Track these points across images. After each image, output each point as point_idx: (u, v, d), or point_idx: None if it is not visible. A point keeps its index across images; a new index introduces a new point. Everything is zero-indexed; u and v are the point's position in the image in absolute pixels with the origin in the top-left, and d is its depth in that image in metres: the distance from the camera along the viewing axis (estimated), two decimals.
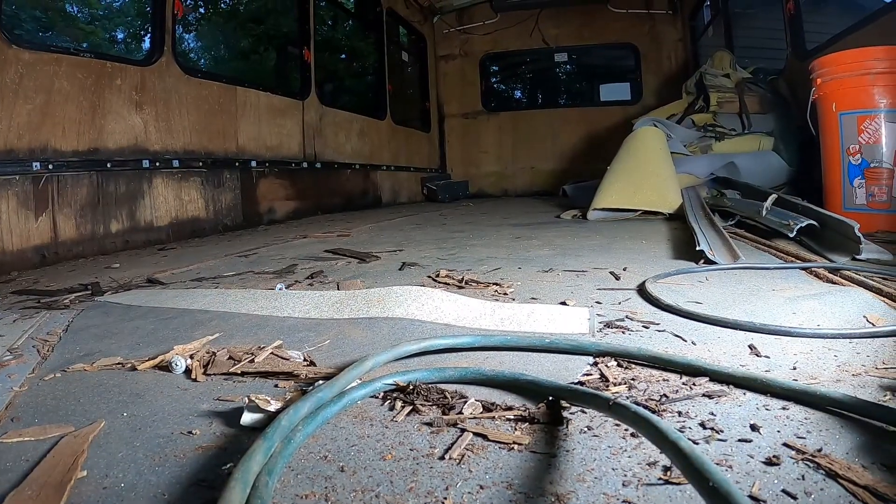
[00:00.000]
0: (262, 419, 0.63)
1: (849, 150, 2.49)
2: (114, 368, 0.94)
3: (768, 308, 1.13)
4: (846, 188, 2.50)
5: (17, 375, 0.92)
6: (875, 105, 2.39)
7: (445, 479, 0.56)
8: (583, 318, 1.12)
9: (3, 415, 0.77)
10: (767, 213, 2.20)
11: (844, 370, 0.81)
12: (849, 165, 2.48)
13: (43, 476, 0.59)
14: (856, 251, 1.61)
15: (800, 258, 1.68)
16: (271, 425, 0.59)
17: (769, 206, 2.25)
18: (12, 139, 2.01)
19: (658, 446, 0.55)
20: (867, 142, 2.41)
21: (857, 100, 2.47)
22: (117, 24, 7.97)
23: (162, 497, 0.55)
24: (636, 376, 0.81)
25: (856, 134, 2.45)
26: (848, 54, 2.53)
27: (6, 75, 1.99)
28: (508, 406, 0.71)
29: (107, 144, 2.40)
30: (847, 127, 2.50)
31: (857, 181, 2.45)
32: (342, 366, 0.89)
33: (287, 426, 0.60)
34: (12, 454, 0.65)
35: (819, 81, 2.64)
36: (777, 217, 2.12)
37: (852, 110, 2.48)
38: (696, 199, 2.90)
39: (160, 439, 0.67)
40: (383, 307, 1.22)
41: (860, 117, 2.44)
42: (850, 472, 0.53)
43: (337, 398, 0.68)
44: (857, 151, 2.45)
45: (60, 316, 1.29)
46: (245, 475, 0.50)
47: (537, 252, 1.97)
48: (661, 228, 2.63)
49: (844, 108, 2.51)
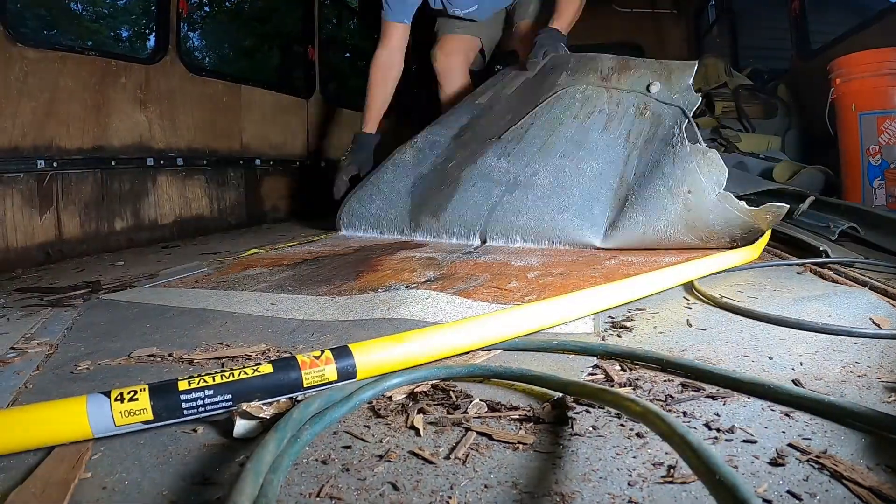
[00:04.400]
0: (256, 427, 0.62)
1: (868, 151, 2.49)
2: (118, 365, 0.94)
3: (775, 310, 1.12)
4: (865, 189, 2.50)
5: (23, 372, 0.92)
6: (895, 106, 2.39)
7: (450, 479, 0.56)
8: (588, 319, 1.12)
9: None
10: (799, 216, 2.16)
11: (850, 371, 0.81)
12: (868, 166, 2.48)
13: (47, 474, 0.59)
14: None
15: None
16: (283, 419, 0.59)
17: (806, 207, 2.21)
18: (17, 137, 2.02)
19: (666, 440, 0.55)
20: (887, 142, 2.41)
21: (877, 100, 2.47)
22: (122, 22, 7.98)
23: (163, 495, 0.55)
24: (640, 376, 0.81)
25: (875, 134, 2.45)
26: (868, 55, 2.53)
27: (11, 73, 1.99)
28: (514, 406, 0.71)
29: (111, 142, 2.40)
30: (867, 128, 2.49)
31: (877, 182, 2.44)
32: None
33: (298, 419, 0.60)
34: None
35: (838, 82, 2.64)
36: (811, 220, 2.09)
37: (872, 111, 2.47)
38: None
39: (164, 437, 0.67)
40: (388, 309, 1.22)
41: (880, 118, 2.44)
42: (855, 474, 0.53)
43: (345, 399, 0.67)
44: (877, 152, 2.45)
45: (65, 313, 1.29)
46: (258, 466, 0.50)
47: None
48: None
49: (864, 108, 2.51)
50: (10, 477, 0.60)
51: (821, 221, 2.02)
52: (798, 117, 3.94)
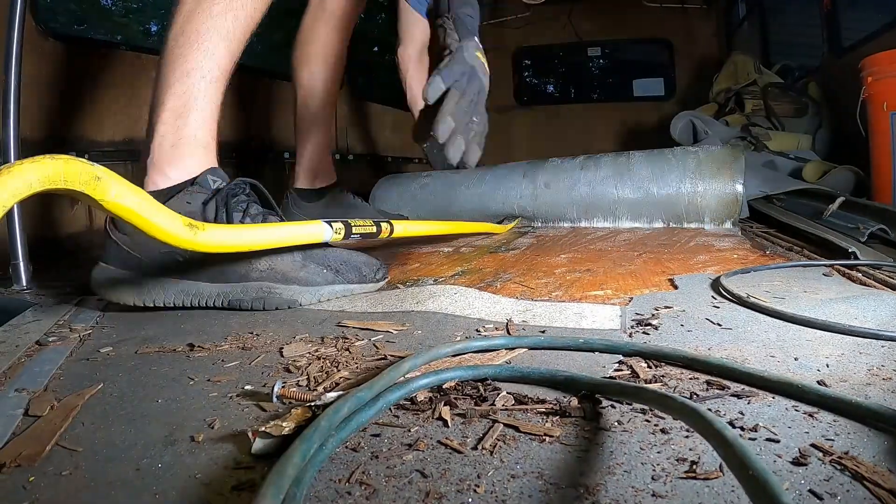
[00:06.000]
0: (276, 443, 0.62)
1: None
2: (150, 353, 0.97)
3: (801, 311, 1.12)
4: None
5: (56, 357, 0.95)
6: None
7: (477, 468, 0.57)
8: (614, 315, 1.13)
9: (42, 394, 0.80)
10: (828, 217, 2.14)
11: (875, 374, 0.81)
12: None
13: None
14: None
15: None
16: (310, 427, 0.59)
17: (835, 208, 2.18)
18: (48, 128, 2.06)
19: (703, 435, 0.56)
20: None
21: None
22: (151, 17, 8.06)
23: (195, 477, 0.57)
24: (666, 374, 0.81)
25: None
26: None
27: (43, 67, 2.03)
28: (541, 399, 0.72)
29: (141, 134, 2.43)
30: None
31: None
32: (375, 357, 0.91)
33: (326, 427, 0.60)
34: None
35: (870, 80, 2.60)
36: (841, 220, 2.06)
37: None
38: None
39: (196, 422, 0.69)
40: (417, 301, 1.24)
41: None
42: (876, 475, 0.53)
43: (372, 402, 0.68)
44: None
45: (96, 301, 1.32)
46: (279, 480, 0.49)
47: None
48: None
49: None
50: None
51: (850, 223, 2.00)
52: (829, 116, 3.88)
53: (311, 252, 1.29)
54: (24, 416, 0.72)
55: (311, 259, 1.28)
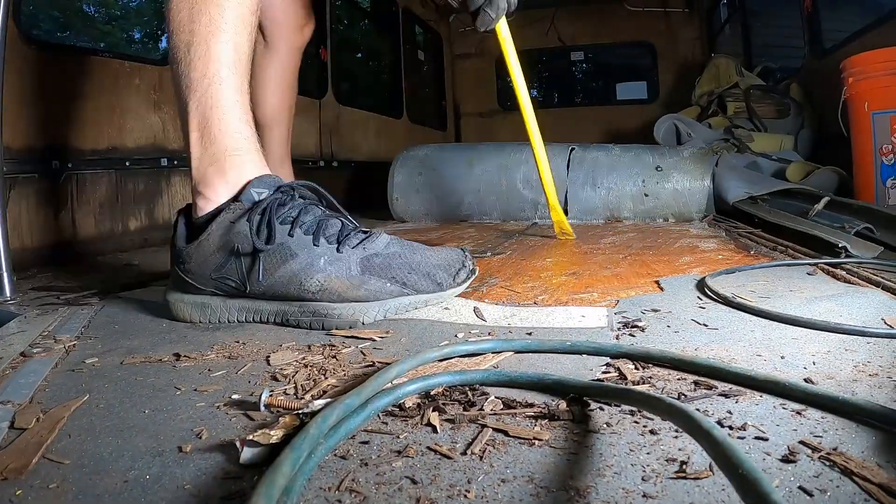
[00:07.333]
0: (264, 452, 0.61)
1: (881, 151, 2.48)
2: (136, 363, 0.96)
3: (787, 309, 1.13)
4: (878, 189, 2.49)
5: (41, 369, 0.93)
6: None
7: (467, 473, 0.57)
8: (601, 318, 1.13)
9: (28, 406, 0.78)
10: (813, 216, 2.15)
11: (861, 370, 0.81)
12: (881, 166, 2.47)
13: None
14: None
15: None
16: (298, 436, 0.58)
17: (821, 208, 2.20)
18: (32, 138, 2.04)
19: (692, 435, 0.57)
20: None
21: (890, 99, 2.46)
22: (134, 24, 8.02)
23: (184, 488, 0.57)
24: (653, 375, 0.82)
25: (889, 134, 2.44)
26: (881, 53, 2.51)
27: (25, 75, 2.01)
28: (529, 403, 0.72)
29: (125, 143, 2.43)
30: (880, 127, 2.48)
31: (890, 181, 2.43)
32: (362, 364, 0.91)
33: (315, 435, 0.59)
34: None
35: (851, 80, 2.62)
36: (826, 220, 2.08)
37: (885, 110, 2.46)
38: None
39: (183, 432, 0.69)
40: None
41: (893, 117, 2.43)
42: (865, 470, 0.54)
43: (360, 409, 0.68)
44: (890, 151, 2.44)
45: (81, 312, 1.31)
46: (269, 489, 0.49)
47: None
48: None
49: (877, 107, 2.50)
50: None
51: (836, 222, 2.02)
52: (811, 117, 3.92)
53: (371, 262, 1.15)
54: (10, 429, 0.71)
55: (371, 272, 1.14)
